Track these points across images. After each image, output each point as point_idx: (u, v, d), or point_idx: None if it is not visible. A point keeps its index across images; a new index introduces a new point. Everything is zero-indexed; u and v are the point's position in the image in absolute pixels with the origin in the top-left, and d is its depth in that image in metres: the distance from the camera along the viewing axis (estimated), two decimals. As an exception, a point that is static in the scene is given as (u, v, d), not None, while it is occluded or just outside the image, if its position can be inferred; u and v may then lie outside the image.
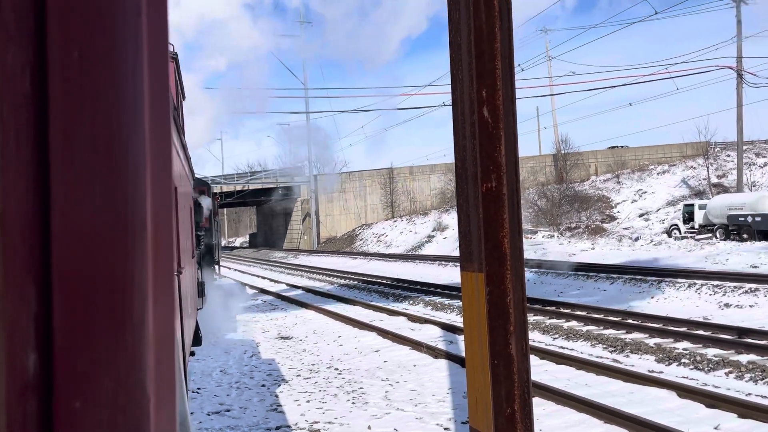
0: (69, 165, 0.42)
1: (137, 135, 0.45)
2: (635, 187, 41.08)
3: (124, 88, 0.44)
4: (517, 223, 3.96)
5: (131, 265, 0.44)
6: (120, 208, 0.44)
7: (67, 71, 0.42)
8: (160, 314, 0.47)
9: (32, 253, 0.41)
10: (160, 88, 0.48)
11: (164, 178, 0.49)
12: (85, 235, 0.43)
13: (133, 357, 0.44)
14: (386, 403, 7.45)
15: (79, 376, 0.42)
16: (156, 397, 0.45)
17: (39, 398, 0.41)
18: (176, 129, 6.41)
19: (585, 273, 18.46)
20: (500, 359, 3.84)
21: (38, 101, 0.42)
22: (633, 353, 9.39)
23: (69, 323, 0.42)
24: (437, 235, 39.91)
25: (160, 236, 0.47)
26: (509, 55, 4.00)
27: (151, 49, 0.46)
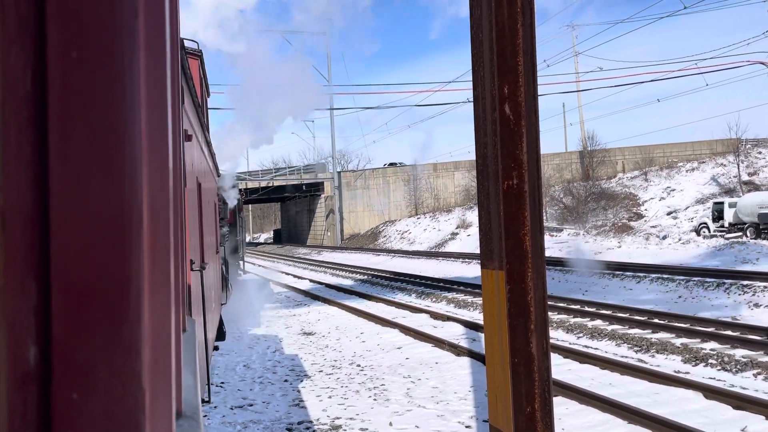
0: (67, 162, 0.44)
1: (134, 133, 0.46)
2: (663, 185, 40.41)
3: (122, 87, 0.45)
4: (538, 220, 3.93)
5: (128, 260, 0.45)
6: (117, 205, 0.45)
7: (66, 71, 0.43)
8: (156, 308, 0.48)
9: (32, 248, 0.43)
10: (158, 86, 0.49)
11: (162, 175, 0.50)
12: (83, 230, 0.44)
13: (129, 350, 0.45)
14: (408, 400, 7.46)
15: (76, 368, 0.43)
16: (152, 388, 0.46)
17: (38, 389, 0.42)
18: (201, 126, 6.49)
19: (611, 272, 18.23)
20: (520, 357, 3.82)
21: (38, 101, 0.43)
22: (659, 353, 9.25)
23: (67, 316, 0.43)
24: (461, 233, 39.76)
25: (158, 232, 0.49)
26: (531, 51, 3.96)
27: (149, 49, 0.47)
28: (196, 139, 5.37)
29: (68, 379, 0.43)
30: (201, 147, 6.41)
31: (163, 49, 0.51)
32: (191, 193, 4.71)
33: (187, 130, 4.56)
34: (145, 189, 0.47)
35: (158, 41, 0.50)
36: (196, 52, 7.75)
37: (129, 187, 0.45)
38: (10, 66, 0.42)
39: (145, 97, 0.47)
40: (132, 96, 0.46)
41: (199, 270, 4.70)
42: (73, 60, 0.43)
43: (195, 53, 7.67)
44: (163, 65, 0.50)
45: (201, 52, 8.05)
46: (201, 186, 6.04)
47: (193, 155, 5.15)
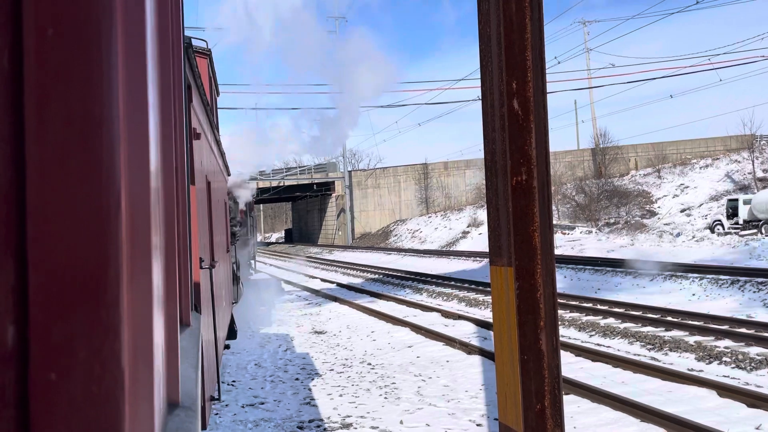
0: (44, 142, 0.43)
1: (112, 113, 0.45)
2: (677, 182, 40.06)
3: (99, 66, 0.45)
4: (547, 216, 3.90)
5: (104, 242, 0.45)
6: (95, 186, 0.44)
7: (41, 49, 0.43)
8: (136, 291, 0.47)
9: (9, 228, 0.42)
10: (137, 65, 0.48)
11: (142, 159, 0.49)
12: (61, 210, 0.43)
13: (108, 331, 0.44)
14: (418, 399, 7.45)
15: (54, 348, 0.43)
16: (132, 370, 0.45)
17: (16, 369, 0.42)
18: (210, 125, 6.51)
19: (623, 269, 18.10)
20: (530, 354, 3.80)
21: (14, 79, 0.43)
22: (672, 351, 9.17)
23: (45, 296, 0.43)
24: (472, 231, 39.64)
25: (137, 214, 0.48)
26: (540, 46, 3.94)
27: (127, 29, 0.47)
28: (204, 137, 5.38)
29: (46, 360, 0.42)
30: (210, 146, 6.43)
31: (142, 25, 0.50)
32: (200, 192, 4.72)
33: (196, 129, 4.58)
34: (123, 172, 0.46)
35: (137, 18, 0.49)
36: (204, 51, 7.77)
37: (107, 168, 0.45)
38: (-14, 44, 0.42)
39: (123, 76, 0.46)
40: (110, 76, 0.45)
41: (208, 268, 4.72)
42: (49, 37, 0.43)
43: (204, 52, 7.70)
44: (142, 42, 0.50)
45: (210, 50, 8.07)
46: (210, 185, 6.06)
47: (202, 153, 5.17)
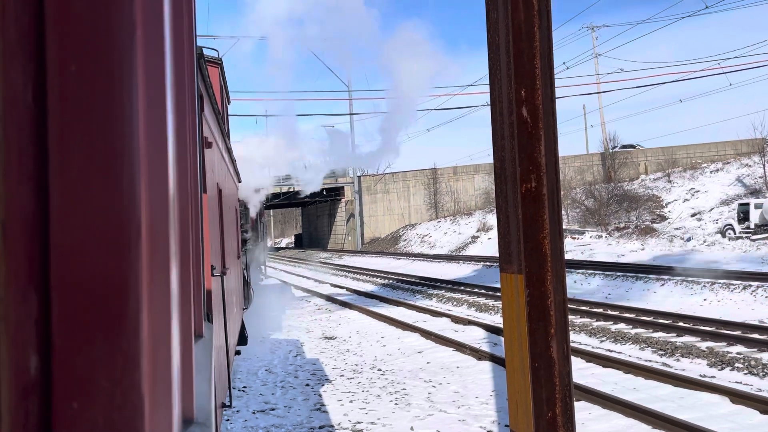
0: (67, 174, 0.44)
1: (133, 143, 0.46)
2: (687, 186, 39.81)
3: (120, 99, 0.46)
4: (557, 224, 3.90)
5: (126, 271, 0.46)
6: (115, 216, 0.45)
7: (64, 85, 0.44)
8: (155, 319, 0.48)
9: (33, 259, 0.43)
10: (158, 99, 0.49)
11: (161, 184, 0.50)
12: (82, 241, 0.45)
13: (128, 359, 0.45)
14: (429, 405, 7.44)
15: (77, 377, 0.44)
16: (152, 397, 0.46)
17: (40, 398, 0.43)
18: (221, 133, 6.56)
19: (634, 274, 17.99)
20: (541, 362, 3.78)
21: (39, 114, 0.44)
22: (684, 357, 9.10)
23: (67, 327, 0.44)
24: (481, 236, 39.56)
25: (157, 243, 0.49)
26: (549, 54, 3.94)
27: (149, 62, 0.48)
28: (216, 146, 5.42)
29: (69, 389, 0.43)
30: (221, 154, 6.47)
31: (164, 58, 0.51)
32: (211, 199, 4.75)
33: (207, 137, 4.61)
34: (144, 199, 0.47)
35: (159, 51, 0.50)
36: (215, 60, 7.83)
37: (127, 199, 0.46)
38: (11, 80, 0.43)
39: (143, 109, 0.47)
40: (130, 107, 0.46)
41: (220, 275, 4.74)
42: (72, 73, 0.44)
43: (215, 61, 7.75)
44: (163, 75, 0.51)
45: (221, 60, 8.13)
46: (222, 192, 6.10)
47: (214, 162, 5.20)
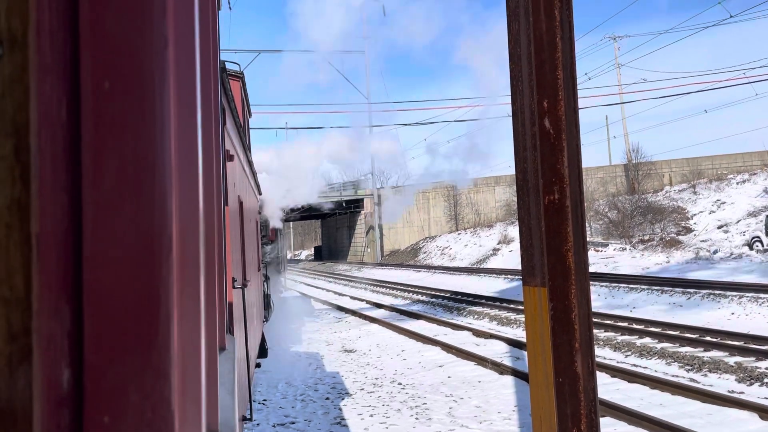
0: (100, 190, 0.45)
1: (164, 159, 0.47)
2: (713, 198, 39.19)
3: (152, 116, 0.46)
4: (581, 236, 3.86)
5: (156, 286, 0.46)
6: (147, 232, 0.46)
7: (98, 101, 0.44)
8: (186, 333, 0.48)
9: (66, 272, 0.44)
10: (188, 115, 0.50)
11: (192, 199, 0.51)
12: (114, 255, 0.45)
13: (159, 374, 0.45)
14: (450, 420, 7.36)
15: (108, 391, 0.44)
16: (181, 412, 0.46)
17: (71, 412, 0.43)
18: (242, 146, 6.62)
19: (659, 287, 17.71)
20: (565, 377, 3.73)
21: (73, 129, 0.44)
22: (711, 372, 8.91)
23: (99, 340, 0.44)
24: (503, 248, 39.30)
25: (187, 256, 0.49)
26: (571, 65, 3.92)
27: (180, 78, 0.48)
28: (237, 158, 5.47)
29: (100, 403, 0.43)
30: (243, 166, 6.53)
31: (194, 74, 0.52)
32: (233, 212, 4.79)
33: (229, 150, 4.66)
34: (175, 215, 0.47)
35: (190, 67, 0.50)
36: (237, 74, 7.92)
37: (159, 215, 0.46)
38: (45, 96, 0.43)
39: (175, 125, 0.48)
40: (162, 124, 0.47)
41: (241, 288, 4.76)
42: (106, 90, 0.45)
43: (236, 75, 7.85)
44: (194, 90, 0.51)
45: (242, 73, 8.23)
46: (243, 204, 6.14)
47: (235, 175, 5.25)
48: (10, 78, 0.43)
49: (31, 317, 0.42)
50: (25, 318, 0.42)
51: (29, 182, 0.43)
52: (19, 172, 0.43)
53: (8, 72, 0.43)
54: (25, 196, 0.42)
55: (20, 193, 0.42)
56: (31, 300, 0.42)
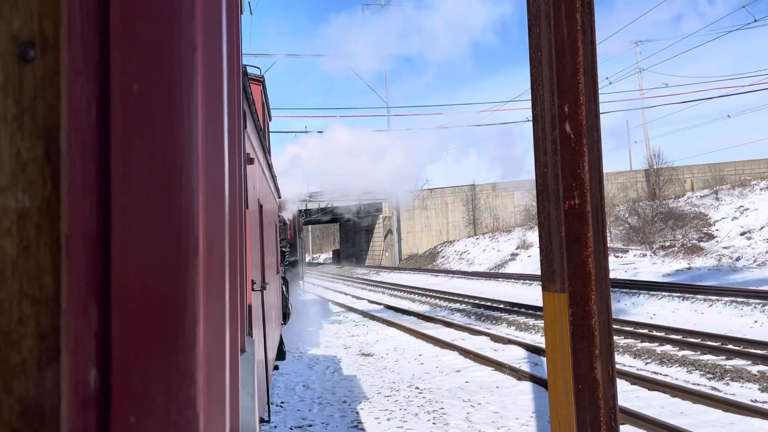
0: (128, 191, 0.45)
1: (192, 161, 0.47)
2: (736, 204, 38.59)
3: (180, 118, 0.47)
4: (602, 241, 3.82)
5: (184, 287, 0.46)
6: (174, 233, 0.46)
7: (127, 104, 0.45)
8: (211, 333, 0.48)
9: (94, 273, 0.44)
10: (214, 118, 0.50)
11: (218, 201, 0.51)
12: (142, 256, 0.45)
13: (184, 375, 0.45)
14: (468, 425, 7.32)
15: (134, 391, 0.44)
16: (206, 413, 0.46)
17: (97, 412, 0.43)
18: (262, 149, 6.66)
19: (680, 294, 17.48)
20: (584, 383, 3.69)
21: (102, 132, 0.45)
22: (734, 381, 8.76)
23: (126, 341, 0.44)
24: (521, 253, 39.06)
25: (215, 256, 0.49)
26: (592, 69, 3.89)
27: (207, 81, 0.49)
28: (258, 162, 5.51)
29: (126, 402, 0.44)
30: (263, 170, 6.58)
31: (221, 78, 0.52)
32: (253, 215, 4.82)
33: (249, 154, 4.69)
34: (201, 217, 0.48)
35: (217, 71, 0.51)
36: (258, 78, 7.98)
37: (186, 216, 0.46)
38: (75, 98, 0.44)
39: (202, 127, 0.48)
40: (190, 126, 0.47)
41: (260, 290, 4.79)
42: (135, 92, 0.45)
43: (257, 79, 7.90)
44: (220, 94, 0.52)
45: (263, 77, 8.29)
46: (262, 207, 6.18)
47: (255, 178, 5.28)
48: (41, 80, 0.43)
49: (60, 317, 0.43)
50: (54, 318, 0.43)
51: (59, 183, 0.43)
52: (50, 173, 0.43)
53: (40, 74, 0.43)
54: (55, 196, 0.43)
55: (50, 194, 0.43)
56: (60, 300, 0.43)
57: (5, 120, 0.43)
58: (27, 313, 0.42)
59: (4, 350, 0.42)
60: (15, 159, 0.43)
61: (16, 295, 0.42)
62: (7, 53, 0.43)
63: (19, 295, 0.42)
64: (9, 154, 0.43)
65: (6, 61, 0.43)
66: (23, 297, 0.42)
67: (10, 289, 0.42)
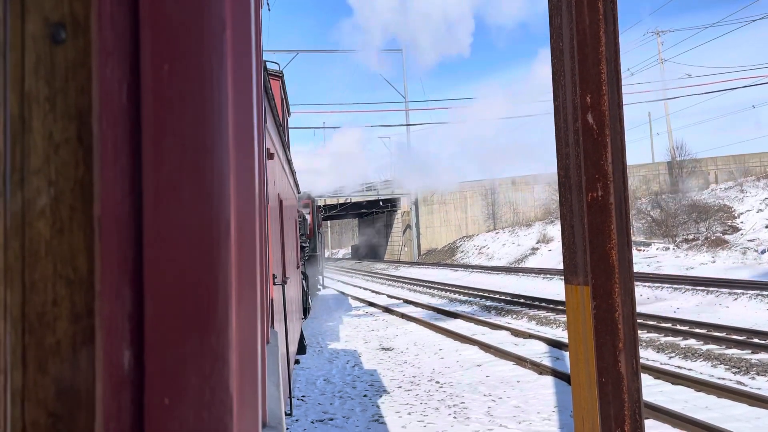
0: (160, 173, 0.45)
1: (222, 143, 0.47)
2: (761, 196, 37.91)
3: (210, 99, 0.46)
4: (625, 233, 3.77)
5: (216, 269, 0.46)
6: (206, 215, 0.46)
7: (158, 84, 0.45)
8: (243, 317, 0.48)
9: (127, 256, 0.44)
10: (246, 98, 0.50)
11: (248, 186, 0.50)
12: (175, 239, 0.45)
13: (217, 357, 0.45)
14: (489, 419, 7.30)
15: (168, 373, 0.44)
16: (239, 395, 0.46)
17: (132, 393, 0.43)
18: (282, 145, 6.69)
19: (704, 288, 17.23)
20: (608, 377, 3.66)
21: (133, 112, 0.45)
22: (760, 375, 8.62)
23: (160, 323, 0.44)
24: (541, 247, 38.80)
25: (244, 241, 0.49)
26: (615, 59, 3.84)
27: (237, 62, 0.48)
28: (277, 157, 5.53)
29: (160, 384, 0.44)
30: (282, 165, 6.60)
31: (250, 62, 0.52)
32: (273, 210, 4.84)
33: (270, 149, 4.71)
34: (233, 201, 0.47)
35: (245, 54, 0.50)
36: (277, 74, 8.00)
37: (218, 198, 0.46)
38: (106, 79, 0.44)
39: (232, 113, 0.48)
40: (220, 108, 0.47)
41: (281, 284, 4.81)
42: (165, 73, 0.45)
43: (276, 74, 7.93)
44: (249, 79, 0.51)
45: (282, 73, 8.31)
46: (282, 203, 6.21)
47: (275, 173, 5.30)
48: (73, 62, 0.43)
49: (94, 298, 0.43)
50: (88, 299, 0.43)
51: (92, 165, 0.43)
52: (82, 154, 0.43)
53: (72, 56, 0.43)
54: (87, 178, 0.43)
55: (83, 176, 0.43)
56: (94, 281, 0.43)
57: (37, 101, 0.43)
58: (61, 295, 0.42)
59: (39, 331, 0.42)
60: (48, 140, 0.43)
61: (51, 277, 0.42)
62: (38, 35, 0.43)
63: (53, 277, 0.42)
64: (42, 135, 0.43)
65: (38, 42, 0.43)
66: (57, 278, 0.42)
67: (44, 270, 0.42)
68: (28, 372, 0.42)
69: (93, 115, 0.43)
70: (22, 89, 0.42)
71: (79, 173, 0.43)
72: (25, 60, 0.42)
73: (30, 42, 0.42)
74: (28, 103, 0.43)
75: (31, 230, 0.42)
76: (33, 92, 0.43)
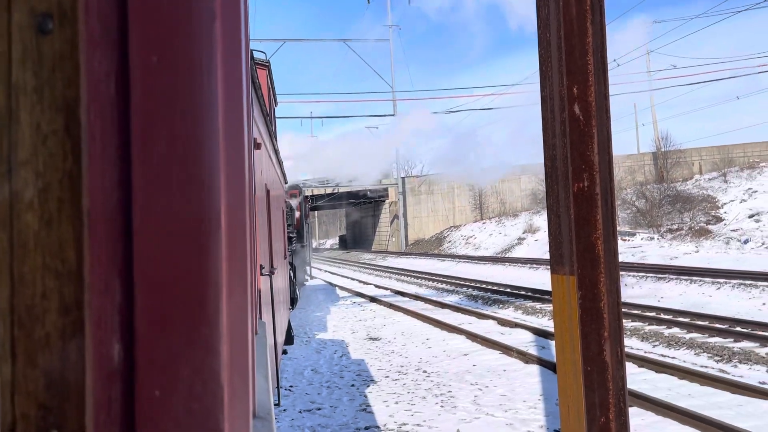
0: (149, 164, 0.45)
1: (212, 135, 0.46)
2: (744, 186, 38.34)
3: (200, 91, 0.46)
4: (611, 223, 3.80)
5: (206, 260, 0.46)
6: (197, 206, 0.46)
7: (146, 75, 0.44)
8: (233, 309, 0.48)
9: (116, 248, 0.44)
10: (235, 90, 0.49)
11: (238, 177, 0.50)
12: (164, 231, 0.45)
13: (208, 348, 0.45)
14: (475, 408, 7.36)
15: (159, 365, 0.44)
16: (230, 387, 0.46)
17: (122, 385, 0.43)
18: (269, 135, 6.65)
19: (688, 277, 17.44)
20: (593, 366, 3.70)
21: (121, 105, 0.44)
22: (742, 363, 8.76)
23: (150, 315, 0.44)
24: (528, 237, 39.02)
25: (234, 233, 0.49)
26: (602, 50, 3.85)
27: (226, 53, 0.48)
28: (264, 147, 5.50)
29: (151, 376, 0.44)
30: (269, 155, 6.57)
31: (239, 53, 0.51)
32: (260, 200, 4.82)
33: (257, 139, 4.68)
34: (222, 192, 0.47)
35: (235, 45, 0.50)
36: (264, 63, 7.94)
37: (207, 190, 0.46)
38: (94, 71, 0.43)
39: (222, 104, 0.48)
40: (210, 100, 0.46)
41: (269, 275, 4.81)
42: (154, 65, 0.44)
43: (263, 63, 7.87)
44: (239, 70, 0.51)
45: (269, 62, 8.25)
46: (269, 193, 6.18)
47: (262, 163, 5.28)
48: (60, 53, 0.43)
49: (83, 291, 0.43)
50: (77, 291, 0.43)
51: (80, 157, 0.43)
52: (70, 146, 0.43)
53: (59, 47, 0.43)
54: (76, 170, 0.43)
55: (71, 167, 0.43)
56: (83, 274, 0.43)
57: (25, 92, 0.42)
58: (50, 287, 0.42)
59: (29, 324, 0.42)
60: (35, 132, 0.42)
61: (40, 269, 0.42)
62: (25, 25, 0.42)
63: (42, 269, 0.42)
64: (29, 126, 0.42)
65: (24, 33, 0.42)
66: (46, 270, 0.42)
67: (33, 263, 0.42)
68: (18, 365, 0.41)
69: (81, 107, 0.43)
70: (8, 80, 0.42)
71: (67, 165, 0.43)
72: (12, 51, 0.42)
73: (17, 32, 0.42)
74: (15, 94, 0.42)
75: (20, 222, 0.42)
76: (20, 83, 0.42)
